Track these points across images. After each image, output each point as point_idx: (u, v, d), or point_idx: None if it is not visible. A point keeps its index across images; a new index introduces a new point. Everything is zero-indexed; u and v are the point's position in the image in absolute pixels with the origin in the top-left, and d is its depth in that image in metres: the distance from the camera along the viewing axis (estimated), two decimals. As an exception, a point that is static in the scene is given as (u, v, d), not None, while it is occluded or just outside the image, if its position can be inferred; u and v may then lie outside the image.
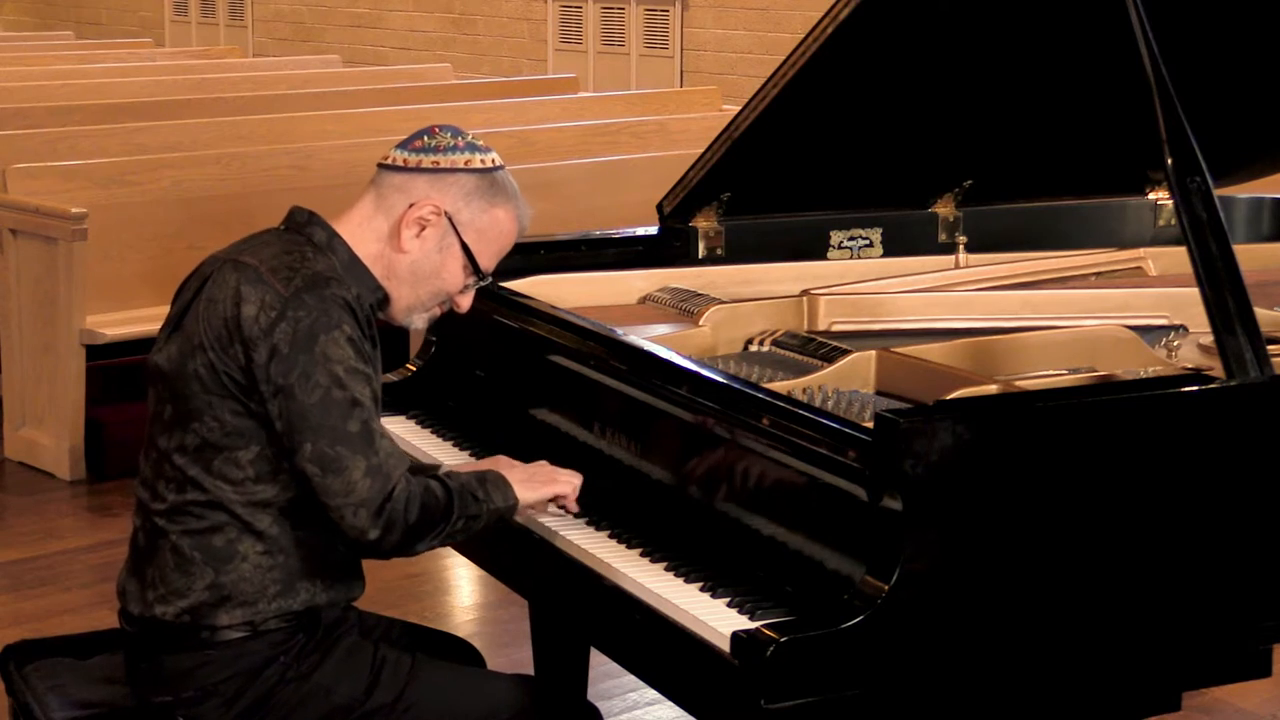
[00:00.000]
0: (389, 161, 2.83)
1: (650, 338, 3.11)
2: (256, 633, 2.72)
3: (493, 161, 2.84)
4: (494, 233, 2.83)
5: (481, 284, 2.87)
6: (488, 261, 2.85)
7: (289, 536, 2.72)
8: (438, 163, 2.80)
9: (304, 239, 2.77)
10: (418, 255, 2.80)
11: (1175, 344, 3.18)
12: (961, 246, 3.82)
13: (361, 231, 2.80)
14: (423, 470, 3.01)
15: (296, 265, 2.68)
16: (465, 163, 2.81)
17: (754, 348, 3.31)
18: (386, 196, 2.81)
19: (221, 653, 2.71)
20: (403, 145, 2.83)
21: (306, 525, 2.70)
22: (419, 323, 2.89)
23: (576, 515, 2.90)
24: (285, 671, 2.72)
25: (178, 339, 2.73)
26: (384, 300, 2.82)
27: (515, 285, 3.48)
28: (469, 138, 2.84)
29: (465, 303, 2.88)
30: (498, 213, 2.83)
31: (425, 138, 2.83)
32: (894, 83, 3.58)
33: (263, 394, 2.64)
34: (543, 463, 2.92)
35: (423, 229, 2.79)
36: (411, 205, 2.78)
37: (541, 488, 2.85)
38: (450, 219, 2.79)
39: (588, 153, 7.44)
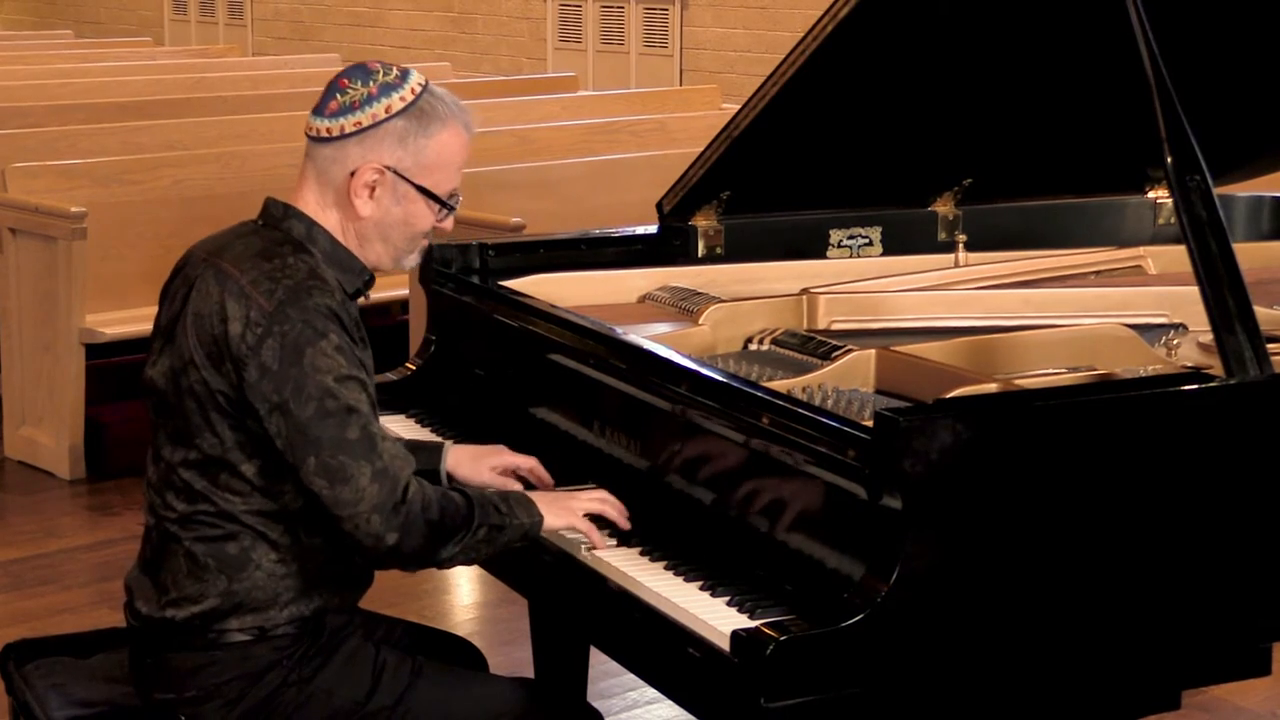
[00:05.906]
0: (314, 133, 2.73)
1: (650, 336, 3.11)
2: (264, 637, 2.71)
3: (413, 91, 2.72)
4: (443, 158, 2.74)
5: (455, 205, 2.78)
6: (448, 187, 2.76)
7: (303, 544, 2.71)
8: (359, 123, 2.70)
9: (282, 235, 2.72)
10: (378, 215, 2.73)
11: (1175, 342, 3.18)
12: (961, 245, 3.81)
13: (323, 213, 2.74)
14: (424, 448, 3.00)
15: (277, 275, 2.64)
16: (386, 110, 2.70)
17: (753, 346, 3.31)
18: (325, 171, 2.73)
19: (227, 654, 2.71)
20: (319, 112, 2.73)
21: (319, 533, 2.69)
22: (411, 262, 2.82)
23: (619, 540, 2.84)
24: (287, 675, 2.72)
25: (169, 353, 2.70)
26: (370, 279, 2.77)
27: (515, 284, 3.48)
28: (379, 77, 2.72)
29: (449, 225, 2.80)
30: (439, 138, 2.73)
31: (338, 96, 2.72)
32: (893, 81, 3.58)
33: (259, 412, 2.61)
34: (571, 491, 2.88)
35: (372, 190, 2.72)
36: (352, 174, 2.71)
37: (566, 516, 2.80)
38: (395, 171, 2.71)
39: (587, 151, 7.42)
